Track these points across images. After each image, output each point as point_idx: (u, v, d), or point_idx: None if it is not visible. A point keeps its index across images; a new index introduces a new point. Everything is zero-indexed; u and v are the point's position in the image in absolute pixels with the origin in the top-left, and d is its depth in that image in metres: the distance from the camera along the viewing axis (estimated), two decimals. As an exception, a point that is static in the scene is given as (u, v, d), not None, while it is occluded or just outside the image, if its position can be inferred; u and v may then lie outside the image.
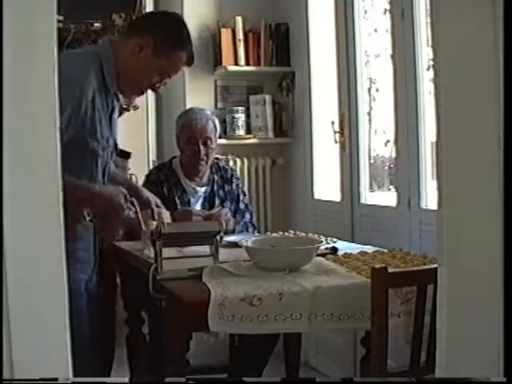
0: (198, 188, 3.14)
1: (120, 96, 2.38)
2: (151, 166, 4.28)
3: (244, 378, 1.60)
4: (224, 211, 2.99)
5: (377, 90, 3.46)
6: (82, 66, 2.20)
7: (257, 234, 3.11)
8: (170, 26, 2.35)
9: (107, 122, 2.29)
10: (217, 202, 3.12)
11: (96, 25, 4.20)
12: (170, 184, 3.10)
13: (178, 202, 3.06)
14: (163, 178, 3.11)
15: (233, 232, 2.95)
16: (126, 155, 3.34)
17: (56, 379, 1.23)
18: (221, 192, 3.17)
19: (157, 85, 2.35)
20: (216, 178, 3.19)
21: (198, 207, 3.10)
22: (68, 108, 2.12)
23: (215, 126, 3.14)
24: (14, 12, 1.18)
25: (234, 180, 3.24)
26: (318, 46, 3.68)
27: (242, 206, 3.20)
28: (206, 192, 3.15)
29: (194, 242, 2.24)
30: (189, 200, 3.10)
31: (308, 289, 1.97)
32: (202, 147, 3.07)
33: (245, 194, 3.28)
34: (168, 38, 2.30)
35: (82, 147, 2.20)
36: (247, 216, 3.19)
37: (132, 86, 2.35)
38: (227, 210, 3.03)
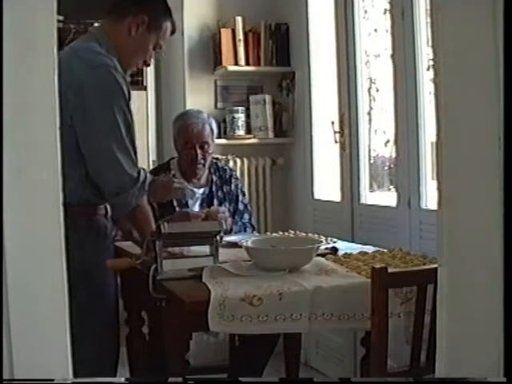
0: (195, 189, 3.13)
1: None
2: (151, 166, 4.29)
3: (241, 378, 1.60)
4: (222, 208, 2.99)
5: (377, 90, 3.46)
6: (106, 55, 2.23)
7: (256, 234, 3.11)
8: None
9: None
10: (215, 203, 3.11)
11: (96, 25, 4.20)
12: None
13: (175, 204, 3.05)
14: None
15: (230, 232, 2.94)
16: None
17: (55, 379, 1.23)
18: (219, 193, 3.16)
19: (150, 58, 2.41)
20: (215, 178, 3.18)
21: (196, 209, 3.08)
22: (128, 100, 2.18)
23: (212, 130, 3.14)
24: (14, 12, 1.18)
25: (233, 180, 3.23)
26: (318, 46, 3.68)
27: (241, 206, 3.19)
28: (204, 193, 3.14)
29: (194, 242, 2.24)
30: (186, 202, 3.09)
31: (308, 289, 1.97)
32: (199, 151, 3.06)
33: (244, 195, 3.27)
34: (159, 12, 2.35)
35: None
36: (246, 216, 3.18)
37: (130, 65, 2.37)
38: (224, 208, 3.02)
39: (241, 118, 3.82)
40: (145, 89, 4.67)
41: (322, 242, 2.48)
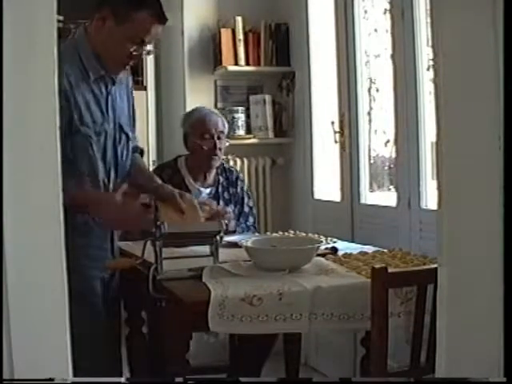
0: (202, 189, 3.12)
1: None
2: (151, 166, 4.28)
3: (241, 379, 1.60)
4: (228, 209, 2.98)
5: (377, 90, 3.46)
6: (68, 60, 2.14)
7: (256, 234, 3.11)
8: None
9: (101, 107, 2.25)
10: (221, 204, 3.11)
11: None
12: (173, 184, 3.06)
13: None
14: (166, 179, 3.07)
15: (234, 233, 2.93)
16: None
17: (55, 379, 1.23)
18: (225, 194, 3.16)
19: (134, 53, 2.24)
20: (221, 179, 3.18)
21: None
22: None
23: (224, 123, 3.17)
24: (14, 12, 1.18)
25: (239, 182, 3.22)
26: (317, 46, 3.68)
27: (246, 209, 3.19)
28: (210, 193, 3.13)
29: (194, 242, 2.24)
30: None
31: (308, 289, 1.97)
32: (217, 141, 3.08)
33: (249, 197, 3.26)
34: (124, 3, 2.21)
35: (74, 135, 2.16)
36: (251, 219, 3.18)
37: (113, 62, 2.26)
38: (230, 210, 3.02)
39: (241, 118, 3.83)
40: (145, 89, 4.66)
41: (322, 242, 2.48)
